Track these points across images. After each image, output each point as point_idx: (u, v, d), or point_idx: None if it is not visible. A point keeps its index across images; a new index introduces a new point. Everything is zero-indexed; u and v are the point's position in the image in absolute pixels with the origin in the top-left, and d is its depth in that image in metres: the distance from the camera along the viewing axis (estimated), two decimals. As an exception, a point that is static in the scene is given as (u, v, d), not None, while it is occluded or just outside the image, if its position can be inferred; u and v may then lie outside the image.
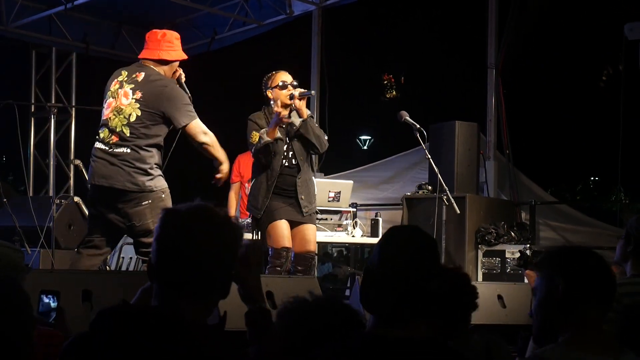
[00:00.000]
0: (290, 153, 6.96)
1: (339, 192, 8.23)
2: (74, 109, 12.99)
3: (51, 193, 12.28)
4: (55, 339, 3.39)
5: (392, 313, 2.68)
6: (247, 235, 7.00)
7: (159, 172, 6.29)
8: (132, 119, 6.17)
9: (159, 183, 6.23)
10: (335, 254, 13.90)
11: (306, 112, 6.98)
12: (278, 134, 6.83)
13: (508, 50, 10.67)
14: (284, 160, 6.93)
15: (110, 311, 2.40)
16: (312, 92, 7.11)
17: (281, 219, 6.83)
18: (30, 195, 10.39)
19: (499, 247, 8.90)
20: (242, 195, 9.26)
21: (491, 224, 9.05)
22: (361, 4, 12.57)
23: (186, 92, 6.48)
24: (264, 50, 16.15)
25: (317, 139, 7.00)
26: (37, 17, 11.96)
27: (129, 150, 6.15)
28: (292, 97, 6.93)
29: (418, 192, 9.34)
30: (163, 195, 6.20)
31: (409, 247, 2.77)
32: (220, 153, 6.36)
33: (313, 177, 7.15)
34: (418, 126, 7.97)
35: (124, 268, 9.63)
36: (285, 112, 6.88)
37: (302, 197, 6.93)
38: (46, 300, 3.45)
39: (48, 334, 3.39)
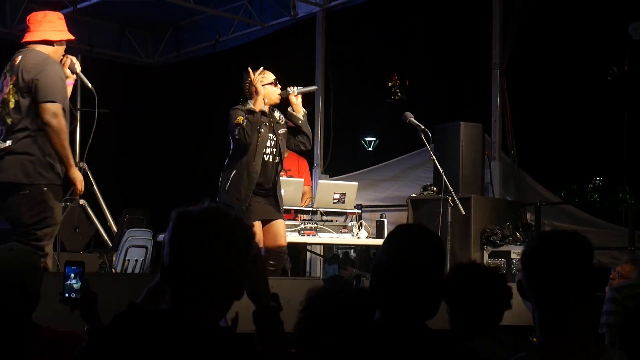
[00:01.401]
0: (275, 150, 7.05)
1: (344, 194, 8.23)
2: (79, 112, 13.00)
3: (56, 196, 12.32)
4: (76, 340, 3.40)
5: (398, 307, 2.71)
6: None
7: (50, 162, 5.85)
8: (12, 105, 5.85)
9: (48, 175, 5.83)
10: (341, 256, 13.89)
11: (302, 109, 7.23)
12: (263, 107, 6.95)
13: (512, 50, 10.66)
14: (268, 156, 7.02)
15: (124, 315, 2.41)
16: (315, 87, 7.25)
17: (257, 220, 6.87)
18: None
19: (504, 248, 8.89)
20: None
21: (496, 225, 9.04)
22: (365, 6, 12.57)
23: (86, 83, 6.35)
24: (269, 52, 16.16)
25: (311, 134, 7.35)
26: (42, 20, 11.97)
27: (10, 143, 5.79)
28: (286, 94, 7.15)
29: (423, 193, 9.33)
30: (45, 189, 5.80)
31: (414, 243, 2.80)
32: (63, 149, 5.89)
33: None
34: (423, 127, 7.97)
35: (129, 270, 9.63)
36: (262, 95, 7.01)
37: (279, 195, 7.15)
38: (72, 281, 3.46)
39: (68, 336, 3.40)
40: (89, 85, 6.38)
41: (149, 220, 10.90)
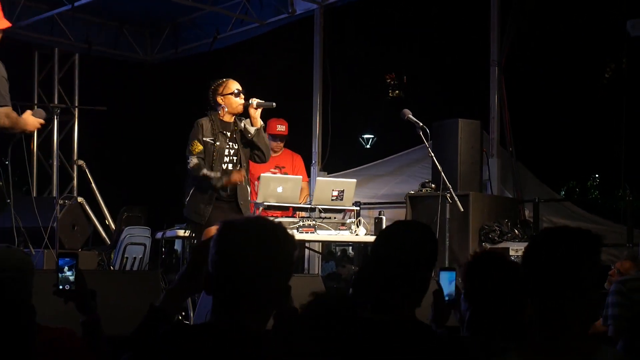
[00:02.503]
0: (235, 158, 7.15)
1: (342, 191, 8.22)
2: (77, 109, 13.00)
3: (55, 194, 12.33)
4: (68, 337, 3.40)
5: (381, 298, 2.73)
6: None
7: None
8: None
9: None
10: (338, 253, 13.90)
11: (260, 122, 7.21)
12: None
13: (510, 47, 10.66)
14: (226, 165, 7.12)
15: (172, 332, 2.42)
16: (273, 104, 7.22)
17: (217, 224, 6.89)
18: (34, 195, 10.39)
19: (502, 245, 8.89)
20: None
21: (495, 222, 9.04)
22: (363, 3, 12.57)
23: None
24: (266, 50, 16.16)
25: (266, 148, 7.33)
26: (40, 17, 11.97)
27: None
28: (248, 105, 7.16)
29: (421, 190, 9.33)
30: None
31: (402, 235, 2.81)
32: (20, 125, 6.02)
33: (248, 187, 7.35)
34: (421, 124, 7.97)
35: (127, 268, 9.64)
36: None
37: (242, 202, 7.17)
38: (67, 273, 3.47)
39: (59, 333, 3.39)
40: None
41: (147, 218, 10.91)
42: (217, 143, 7.08)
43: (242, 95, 7.20)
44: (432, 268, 2.89)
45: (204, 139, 7.06)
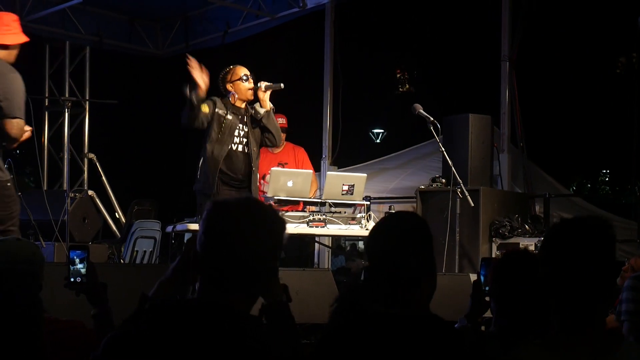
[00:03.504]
0: (245, 140, 7.16)
1: (353, 185, 8.20)
2: (87, 102, 13.02)
3: (65, 187, 12.34)
4: (78, 329, 3.41)
5: (386, 291, 2.73)
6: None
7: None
8: None
9: (5, 174, 6.06)
10: (348, 248, 13.91)
11: (269, 104, 7.23)
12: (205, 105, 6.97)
13: (521, 42, 10.63)
14: (236, 146, 7.11)
15: (157, 306, 2.42)
16: (281, 85, 7.23)
17: None
18: (45, 189, 10.42)
19: (513, 240, 8.87)
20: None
21: (505, 217, 9.03)
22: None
23: None
24: (277, 44, 16.15)
25: (277, 130, 7.34)
26: (51, 11, 11.98)
27: None
28: (256, 88, 7.20)
29: (432, 185, 9.32)
30: (9, 185, 6.04)
31: (396, 226, 2.82)
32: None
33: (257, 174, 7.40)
34: (432, 119, 7.96)
35: (137, 261, 9.66)
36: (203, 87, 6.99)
37: (252, 189, 7.22)
38: (78, 266, 3.49)
39: (69, 325, 3.41)
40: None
41: (158, 212, 10.94)
42: (229, 117, 7.13)
43: (251, 80, 7.24)
44: (429, 257, 2.86)
45: (217, 110, 7.12)
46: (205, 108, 7.04)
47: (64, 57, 13.20)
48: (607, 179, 28.80)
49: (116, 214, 12.04)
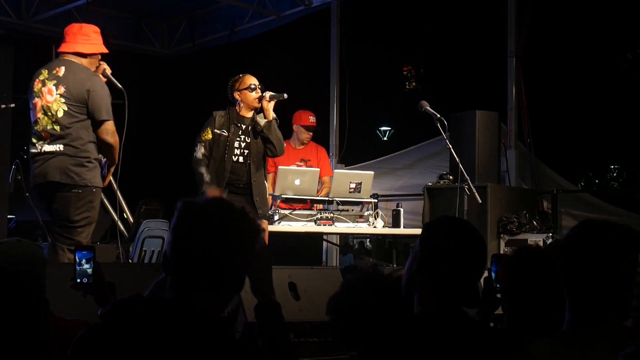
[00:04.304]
0: (247, 151, 7.18)
1: (360, 183, 8.21)
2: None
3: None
4: (81, 328, 3.41)
5: (432, 296, 2.73)
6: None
7: (95, 165, 6.33)
8: (60, 114, 6.23)
9: (95, 179, 6.29)
10: (356, 246, 13.91)
11: (272, 114, 7.23)
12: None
13: (528, 38, 10.61)
14: (237, 157, 7.17)
15: (123, 302, 2.41)
16: (285, 95, 7.23)
17: None
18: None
19: (521, 237, 8.86)
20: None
21: (513, 213, 9.01)
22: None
23: (116, 85, 6.57)
24: (283, 42, 16.16)
25: (278, 141, 7.32)
26: (57, 11, 11.99)
27: (61, 147, 6.22)
28: (261, 98, 7.21)
29: (439, 182, 9.31)
30: (94, 190, 6.27)
31: (455, 237, 2.81)
32: (114, 161, 6.50)
33: (265, 182, 7.48)
34: (438, 116, 7.95)
35: (146, 261, 9.66)
36: None
37: (257, 199, 7.23)
38: (85, 266, 3.50)
39: (73, 324, 3.41)
40: (119, 86, 6.62)
41: (165, 211, 10.94)
42: (229, 135, 7.18)
43: (258, 90, 7.24)
44: (481, 275, 2.87)
45: (215, 130, 7.19)
46: (207, 135, 7.18)
47: (71, 58, 13.20)
48: (615, 175, 28.74)
49: (124, 213, 12.04)
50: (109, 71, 6.55)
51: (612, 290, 2.54)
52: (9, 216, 9.54)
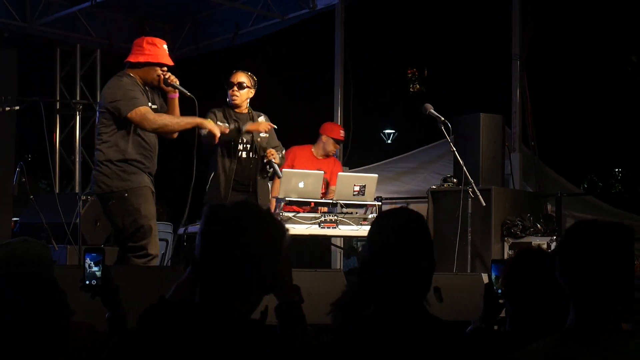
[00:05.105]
0: (249, 145, 7.25)
1: (364, 186, 8.20)
2: (98, 105, 13.04)
3: (77, 189, 12.37)
4: (85, 330, 3.42)
5: (382, 292, 2.71)
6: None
7: (123, 169, 6.35)
8: (97, 122, 6.48)
9: (121, 184, 6.31)
10: (360, 248, 13.87)
11: (266, 127, 7.37)
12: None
13: (532, 41, 10.61)
14: (240, 152, 7.17)
15: (155, 308, 2.42)
16: (187, 92, 7.13)
17: None
18: (57, 191, 10.44)
19: (525, 240, 8.86)
20: None
21: (517, 216, 9.00)
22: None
23: (185, 93, 6.66)
24: (287, 45, 16.15)
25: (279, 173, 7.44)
26: (62, 14, 12.01)
27: (95, 155, 6.43)
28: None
29: (443, 185, 9.31)
30: (126, 195, 6.29)
31: (393, 224, 2.79)
32: (182, 125, 6.56)
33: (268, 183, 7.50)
34: (442, 119, 7.94)
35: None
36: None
37: (260, 197, 7.26)
38: (94, 269, 3.51)
39: (77, 326, 3.41)
40: (188, 94, 6.71)
41: (169, 214, 10.93)
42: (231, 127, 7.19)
43: (235, 89, 7.33)
44: (430, 257, 2.83)
45: (218, 123, 7.21)
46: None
47: (75, 61, 13.23)
48: (619, 177, 28.71)
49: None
50: (173, 80, 6.62)
51: (611, 288, 2.55)
52: (13, 219, 9.54)
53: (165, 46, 6.67)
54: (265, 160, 7.29)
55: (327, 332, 2.80)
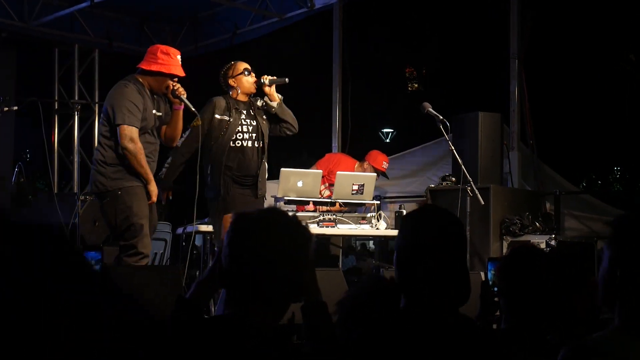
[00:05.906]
0: (255, 134, 7.09)
1: (363, 185, 8.21)
2: (97, 105, 13.04)
3: (76, 189, 12.38)
4: None
5: (419, 292, 2.70)
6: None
7: (118, 169, 6.36)
8: (100, 122, 6.60)
9: (115, 183, 6.32)
10: (359, 247, 13.87)
11: (277, 96, 7.22)
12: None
13: (530, 39, 10.62)
14: (245, 142, 7.06)
15: (186, 321, 2.42)
16: (286, 79, 7.21)
17: (235, 211, 6.89)
18: (55, 192, 10.44)
19: (524, 238, 8.86)
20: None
21: (516, 215, 9.01)
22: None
23: (189, 108, 6.67)
24: (286, 44, 16.14)
25: (292, 119, 7.29)
26: (60, 14, 12.00)
27: (94, 155, 6.51)
28: (261, 83, 7.17)
29: (442, 184, 9.32)
30: (119, 193, 6.29)
31: (436, 226, 2.78)
32: (141, 168, 6.40)
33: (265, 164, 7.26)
34: (441, 117, 7.94)
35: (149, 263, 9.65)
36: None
37: (260, 181, 7.10)
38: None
39: None
40: (192, 109, 6.74)
41: (168, 214, 10.92)
42: (231, 120, 7.07)
43: (252, 74, 7.21)
44: (464, 256, 2.84)
45: (216, 115, 7.06)
46: (197, 122, 7.06)
47: (73, 60, 13.22)
48: (618, 176, 28.72)
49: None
50: (181, 92, 6.63)
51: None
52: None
53: (179, 57, 6.73)
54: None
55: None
